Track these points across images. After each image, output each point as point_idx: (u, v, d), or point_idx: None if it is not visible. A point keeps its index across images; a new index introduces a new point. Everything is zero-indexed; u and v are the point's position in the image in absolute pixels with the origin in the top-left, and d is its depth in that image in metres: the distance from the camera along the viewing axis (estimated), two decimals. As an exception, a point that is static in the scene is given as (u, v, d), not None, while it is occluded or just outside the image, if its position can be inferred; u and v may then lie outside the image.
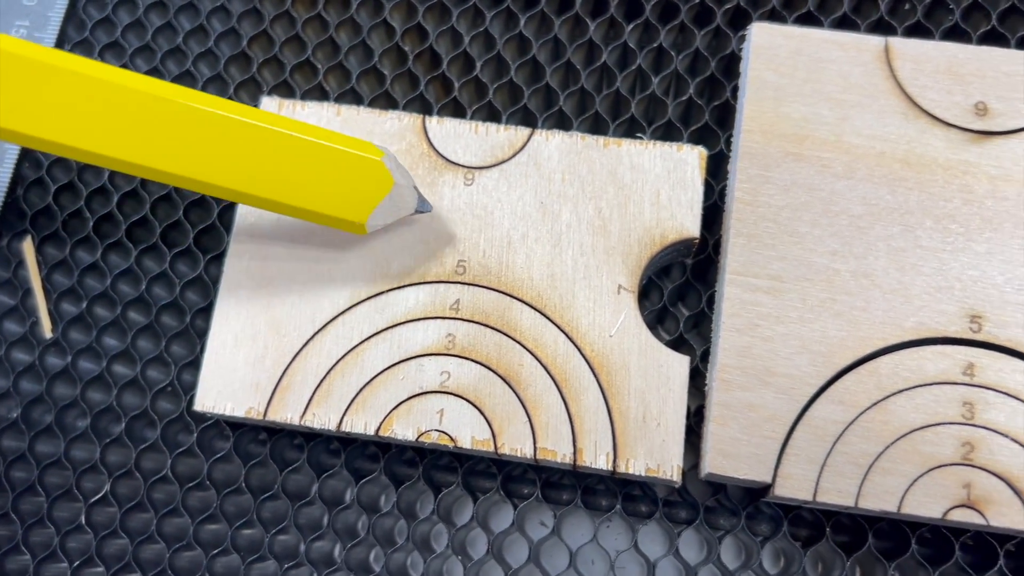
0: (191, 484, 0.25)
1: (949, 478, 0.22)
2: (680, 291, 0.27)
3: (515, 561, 0.25)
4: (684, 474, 0.24)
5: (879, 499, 0.22)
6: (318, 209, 0.22)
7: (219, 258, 0.27)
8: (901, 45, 0.25)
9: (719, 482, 0.23)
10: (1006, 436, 0.22)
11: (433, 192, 0.25)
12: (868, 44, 0.25)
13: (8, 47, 0.20)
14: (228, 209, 0.27)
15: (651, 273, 0.26)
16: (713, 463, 0.22)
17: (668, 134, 0.27)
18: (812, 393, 0.23)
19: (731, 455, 0.22)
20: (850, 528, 0.24)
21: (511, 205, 0.25)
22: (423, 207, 0.24)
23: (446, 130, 0.25)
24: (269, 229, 0.25)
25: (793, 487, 0.22)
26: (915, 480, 0.22)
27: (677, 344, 0.26)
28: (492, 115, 0.28)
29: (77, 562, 0.25)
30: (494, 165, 0.25)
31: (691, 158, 0.25)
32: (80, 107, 0.21)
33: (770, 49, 0.25)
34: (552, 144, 0.25)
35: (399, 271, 0.24)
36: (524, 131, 0.25)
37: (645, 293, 0.26)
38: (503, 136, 0.25)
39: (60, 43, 0.29)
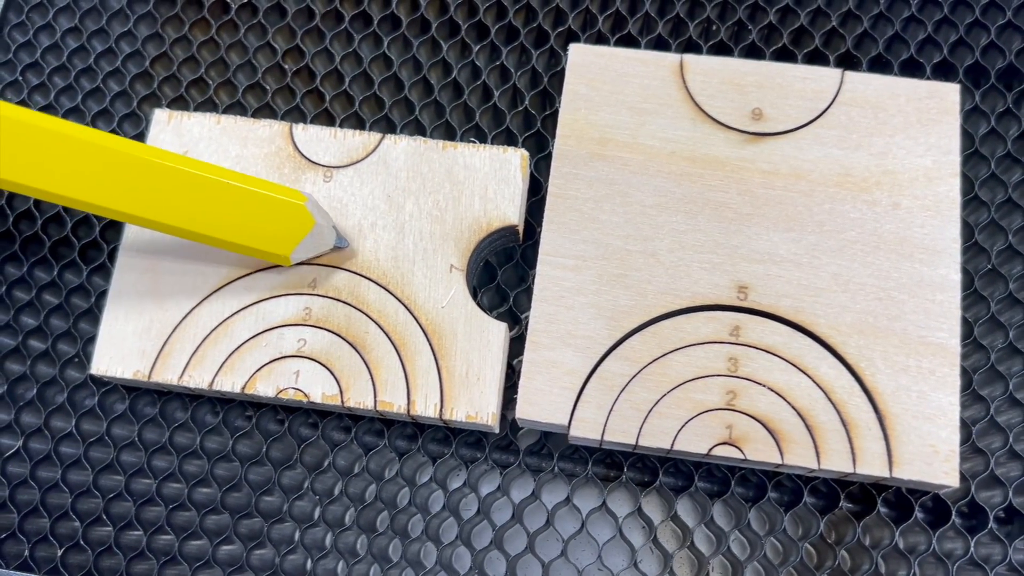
0: (92, 440, 0.30)
1: (715, 420, 0.27)
2: (513, 271, 0.31)
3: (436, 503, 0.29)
4: (511, 422, 0.29)
5: (656, 438, 0.26)
6: (250, 244, 0.26)
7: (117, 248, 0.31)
8: (693, 61, 0.30)
9: (530, 427, 0.28)
10: (763, 386, 0.27)
11: (297, 187, 0.29)
12: (665, 61, 0.30)
13: None
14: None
15: (486, 256, 0.30)
16: (521, 410, 0.27)
17: (509, 139, 0.32)
18: (604, 351, 0.27)
19: (536, 403, 0.27)
20: (648, 468, 0.29)
21: (363, 199, 0.29)
22: (340, 243, 0.28)
23: (310, 135, 0.30)
24: (157, 221, 0.29)
25: (585, 428, 0.27)
26: (686, 422, 0.27)
27: (507, 316, 0.30)
28: (359, 123, 0.32)
29: (-8, 506, 0.29)
30: (350, 165, 0.30)
31: (514, 159, 0.29)
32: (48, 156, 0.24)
33: (584, 66, 0.30)
34: (399, 147, 0.30)
35: (266, 255, 0.29)
36: (376, 136, 0.30)
37: (485, 273, 0.31)
38: (358, 140, 0.30)
39: (-14, 63, 0.33)
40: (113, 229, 0.32)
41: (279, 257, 0.27)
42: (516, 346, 0.29)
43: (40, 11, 0.34)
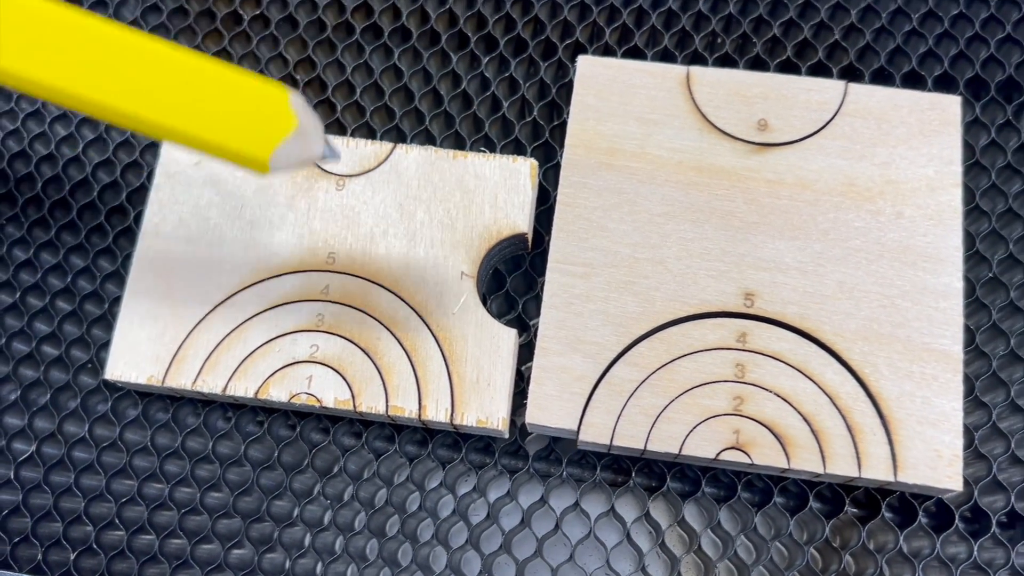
0: (105, 445, 0.30)
1: (722, 425, 0.27)
2: (522, 278, 0.31)
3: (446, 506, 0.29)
4: (520, 427, 0.29)
5: (664, 443, 0.27)
6: (218, 141, 0.22)
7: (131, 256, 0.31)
8: (699, 73, 0.30)
9: (539, 432, 0.28)
10: (770, 391, 0.27)
11: (309, 196, 0.30)
12: (672, 72, 0.30)
13: None
14: (140, 215, 0.31)
15: (496, 264, 0.31)
16: (531, 415, 0.27)
17: (517, 149, 0.32)
18: (613, 357, 0.28)
19: (546, 408, 0.27)
20: (656, 474, 0.29)
21: (375, 207, 0.30)
22: (329, 153, 0.23)
23: (322, 145, 0.30)
24: (171, 230, 0.30)
25: (595, 433, 0.27)
26: (694, 427, 0.27)
27: (516, 322, 0.31)
28: (370, 133, 0.33)
29: (5, 511, 0.29)
30: (362, 173, 0.30)
31: (524, 168, 0.30)
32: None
33: (592, 77, 0.31)
34: (411, 156, 0.30)
35: (279, 262, 0.29)
36: (388, 145, 0.30)
37: (494, 280, 0.31)
38: (370, 149, 0.30)
39: None
40: (126, 237, 0.32)
41: (254, 161, 0.22)
42: (525, 353, 0.30)
43: (55, 22, 0.35)
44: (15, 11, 0.21)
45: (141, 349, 0.29)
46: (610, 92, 0.30)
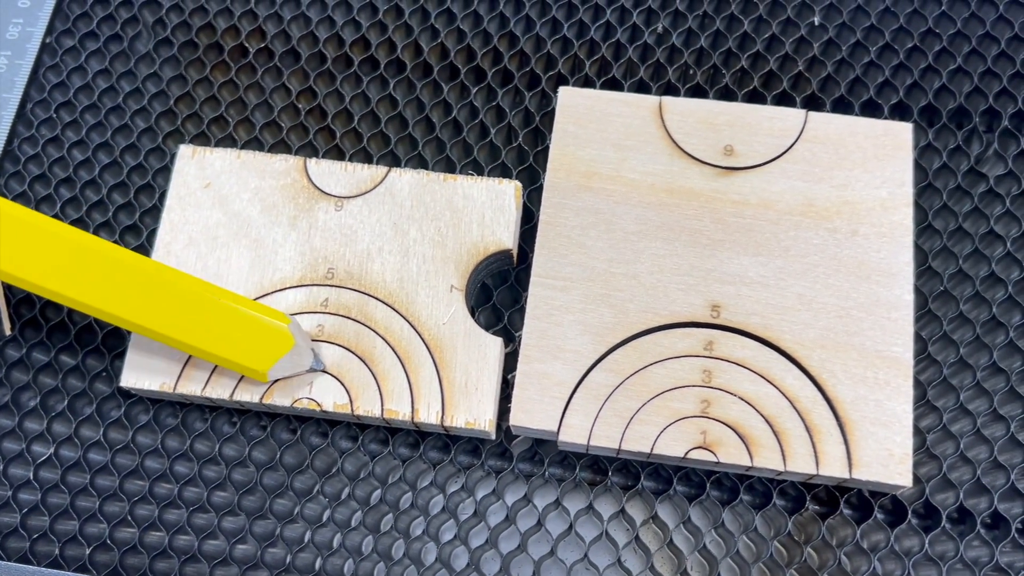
0: (118, 448, 0.32)
1: (690, 427, 0.29)
2: (508, 292, 0.34)
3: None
4: (506, 431, 0.31)
5: (637, 443, 0.29)
6: (229, 358, 0.29)
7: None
8: (671, 103, 0.33)
9: (522, 434, 0.30)
10: (735, 395, 0.29)
11: (310, 216, 0.32)
12: (646, 102, 0.33)
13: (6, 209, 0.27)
14: (152, 233, 0.34)
15: (483, 278, 0.33)
16: (515, 417, 0.29)
17: (504, 172, 0.35)
18: (590, 364, 0.30)
19: (528, 411, 0.29)
20: (631, 473, 0.31)
21: (371, 226, 0.32)
22: (317, 365, 0.30)
23: (323, 169, 0.33)
24: (181, 249, 0.32)
25: (573, 434, 0.29)
26: (665, 428, 0.29)
27: (503, 333, 0.33)
28: (367, 157, 0.35)
29: (25, 509, 0.31)
30: (359, 195, 0.33)
31: (509, 190, 0.32)
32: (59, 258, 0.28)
33: (572, 107, 0.33)
34: (404, 179, 0.33)
35: (281, 277, 0.32)
36: (383, 169, 0.33)
37: (482, 294, 0.34)
38: (366, 173, 0.33)
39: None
40: (140, 250, 0.34)
41: (256, 373, 0.29)
42: (510, 361, 0.32)
43: (73, 54, 0.37)
44: (82, 251, 0.28)
45: (154, 359, 0.31)
46: (589, 120, 0.33)
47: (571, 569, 0.30)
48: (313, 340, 0.31)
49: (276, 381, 0.30)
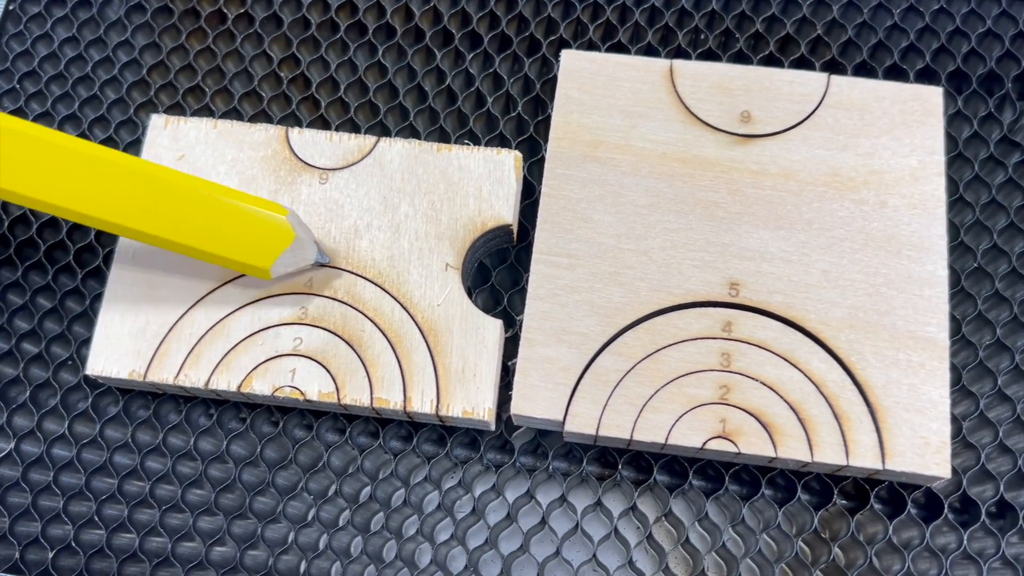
0: (85, 442, 0.29)
1: (708, 415, 0.27)
2: (508, 272, 0.31)
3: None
4: (506, 421, 0.29)
5: (650, 432, 0.27)
6: (229, 256, 0.27)
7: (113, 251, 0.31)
8: (682, 66, 0.30)
9: (525, 424, 0.28)
10: (756, 380, 0.27)
11: (293, 190, 0.30)
12: (655, 66, 0.31)
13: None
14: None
15: (480, 257, 0.31)
16: (516, 406, 0.27)
17: (502, 144, 0.32)
18: (598, 348, 0.27)
19: (531, 399, 0.27)
20: (643, 467, 0.29)
21: (358, 200, 0.30)
22: (322, 259, 0.28)
23: (305, 139, 0.30)
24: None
25: (581, 424, 0.27)
26: (680, 417, 0.27)
27: (502, 316, 0.30)
28: (355, 129, 0.33)
29: (-17, 508, 0.29)
30: (345, 167, 0.30)
31: (508, 160, 0.30)
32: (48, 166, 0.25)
33: (576, 71, 0.31)
34: (394, 149, 0.30)
35: (262, 255, 0.29)
36: (371, 139, 0.30)
37: (479, 274, 0.31)
38: (353, 143, 0.30)
39: (-17, 71, 0.34)
40: (107, 234, 0.32)
41: (258, 270, 0.27)
42: (510, 347, 0.30)
43: (38, 21, 0.35)
44: (64, 154, 0.25)
45: (123, 344, 0.28)
46: (594, 85, 0.30)
47: (578, 571, 0.28)
48: (295, 324, 0.28)
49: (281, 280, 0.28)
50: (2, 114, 0.25)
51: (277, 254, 0.27)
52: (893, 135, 0.29)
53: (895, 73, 0.33)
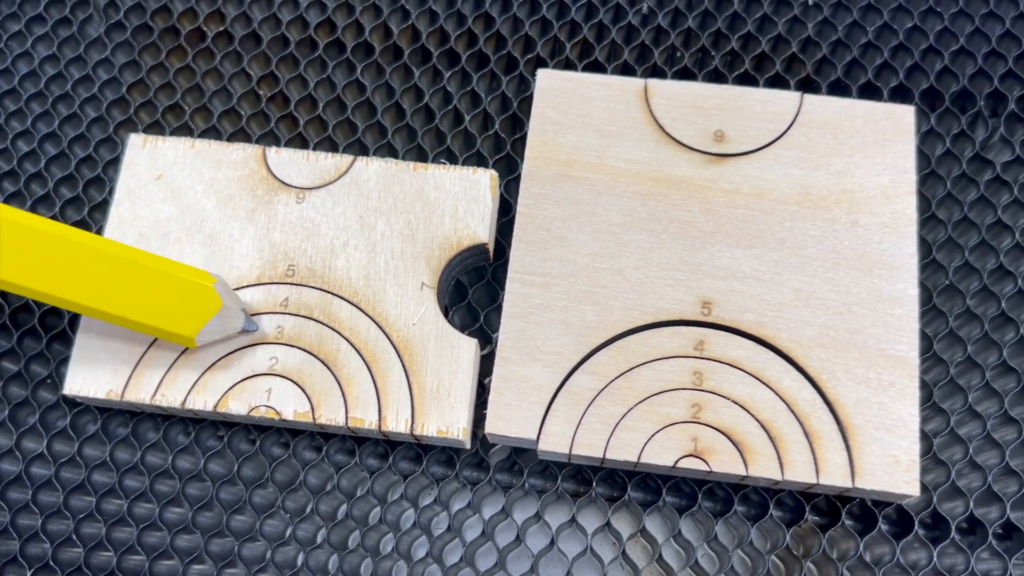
0: (63, 460, 0.30)
1: (680, 433, 0.27)
2: (484, 289, 0.31)
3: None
4: (482, 439, 0.29)
5: (623, 451, 0.27)
6: (153, 324, 0.26)
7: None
8: (657, 86, 0.31)
9: (500, 443, 0.28)
10: (727, 398, 0.27)
11: (270, 209, 0.30)
12: (630, 85, 0.31)
13: None
14: (102, 230, 0.31)
15: (457, 275, 0.31)
16: (491, 424, 0.27)
17: (480, 162, 0.32)
18: (572, 367, 0.28)
19: (505, 418, 0.27)
20: (617, 484, 0.29)
21: (335, 219, 0.30)
22: (249, 327, 0.28)
23: (283, 158, 0.31)
24: (130, 244, 0.30)
25: (554, 443, 0.27)
26: (653, 435, 0.27)
27: (479, 334, 0.31)
28: (333, 147, 0.33)
29: (-39, 527, 0.29)
30: (322, 186, 0.30)
31: (484, 179, 0.30)
32: None
33: (551, 90, 0.31)
34: (371, 168, 0.30)
35: (238, 275, 0.29)
36: (348, 158, 0.30)
37: (456, 292, 0.31)
38: (330, 162, 0.30)
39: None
40: (88, 251, 0.32)
41: (182, 338, 0.27)
42: (487, 364, 0.30)
43: (19, 39, 0.35)
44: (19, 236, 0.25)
45: (100, 363, 0.28)
46: (569, 105, 0.31)
47: (553, 588, 0.28)
48: (271, 344, 0.28)
49: (208, 346, 0.28)
50: None
51: (203, 322, 0.27)
52: (865, 154, 0.30)
53: (869, 91, 0.33)
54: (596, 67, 0.34)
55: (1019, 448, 0.28)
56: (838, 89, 0.33)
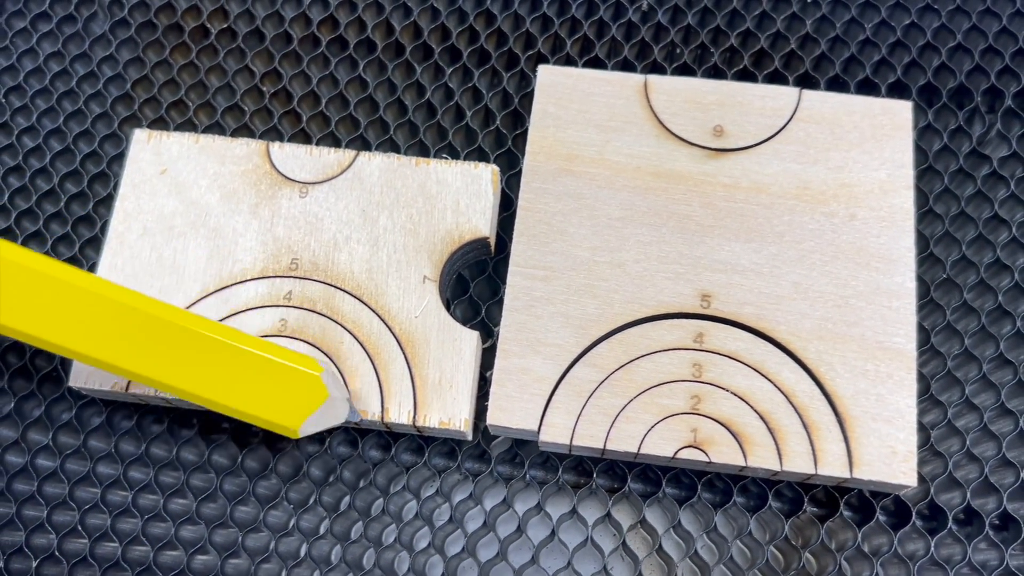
0: (68, 452, 0.30)
1: (680, 424, 0.27)
2: (486, 283, 0.32)
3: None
4: (483, 431, 0.29)
5: (623, 442, 0.27)
6: (257, 414, 0.26)
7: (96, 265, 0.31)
8: (657, 81, 0.31)
9: (501, 434, 0.28)
10: (726, 390, 0.28)
11: (273, 203, 0.30)
12: (630, 81, 0.31)
13: (10, 255, 0.24)
14: (107, 224, 0.31)
15: (459, 269, 0.31)
16: (492, 416, 0.27)
17: (481, 157, 0.33)
18: (572, 359, 0.28)
19: (507, 409, 0.27)
20: (617, 475, 0.29)
21: (338, 213, 0.30)
22: (352, 417, 0.27)
23: (286, 153, 0.31)
24: (136, 239, 0.30)
25: (555, 434, 0.27)
26: (652, 426, 0.27)
27: (480, 327, 0.31)
28: (336, 142, 0.33)
29: (-33, 518, 0.29)
30: (325, 181, 0.31)
31: (485, 174, 0.30)
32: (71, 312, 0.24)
33: (552, 86, 0.31)
34: (374, 163, 0.31)
35: (242, 269, 0.29)
36: (351, 153, 0.31)
37: (458, 286, 0.32)
38: (333, 157, 0.31)
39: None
40: (92, 246, 0.32)
41: (286, 429, 0.26)
42: (488, 358, 0.30)
43: (24, 36, 0.35)
44: (84, 297, 0.25)
45: (104, 355, 0.29)
46: (570, 100, 0.31)
47: (554, 578, 0.28)
48: (274, 337, 0.29)
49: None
50: (14, 247, 0.24)
51: (308, 413, 0.26)
52: (863, 149, 0.30)
53: (867, 87, 0.33)
54: (596, 64, 0.34)
55: (1016, 440, 0.29)
56: (836, 85, 0.33)
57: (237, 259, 0.30)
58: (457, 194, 0.30)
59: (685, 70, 0.34)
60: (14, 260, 0.24)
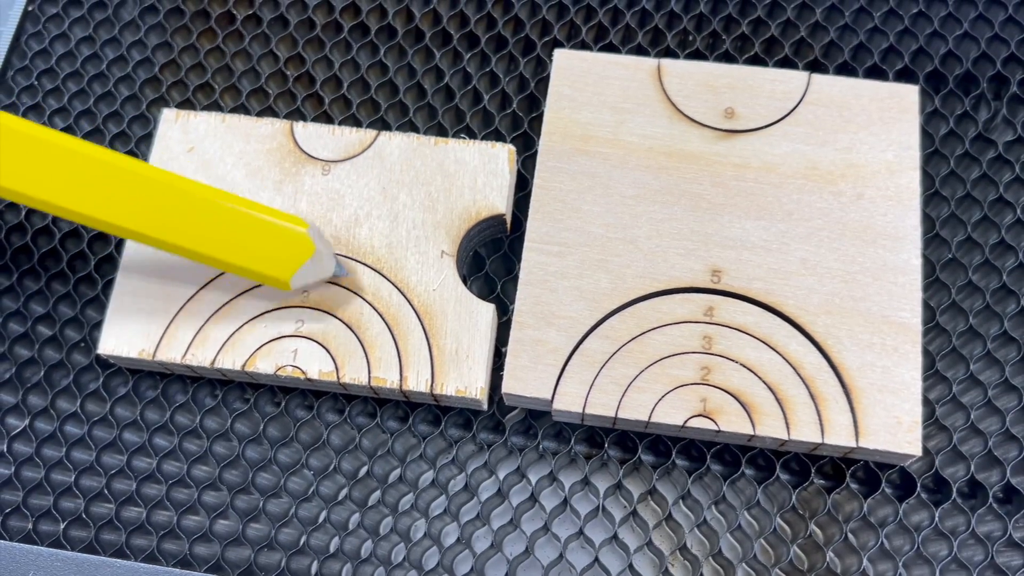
0: (96, 419, 0.31)
1: (690, 394, 0.28)
2: (501, 261, 0.33)
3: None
4: (498, 402, 0.30)
5: (634, 411, 0.28)
6: (250, 267, 0.28)
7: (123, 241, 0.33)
8: (670, 65, 0.32)
9: (515, 403, 0.29)
10: (735, 362, 0.28)
11: (296, 181, 0.31)
12: (644, 64, 0.32)
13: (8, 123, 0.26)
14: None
15: (475, 245, 0.32)
16: (507, 385, 0.28)
17: (498, 139, 0.34)
18: (585, 331, 0.29)
19: (521, 379, 0.28)
20: (628, 446, 0.30)
21: (359, 190, 0.31)
22: (340, 271, 0.29)
23: (309, 132, 0.32)
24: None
25: (568, 402, 0.28)
26: (663, 396, 0.28)
27: (496, 302, 0.32)
28: (356, 124, 0.34)
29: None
30: (347, 159, 0.31)
31: (502, 153, 0.31)
32: (68, 172, 0.26)
33: (568, 69, 0.32)
34: (394, 143, 0.32)
35: (266, 241, 0.30)
36: (372, 132, 0.32)
37: (474, 263, 0.33)
38: (355, 136, 0.32)
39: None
40: (121, 222, 0.33)
41: (278, 281, 0.28)
42: (503, 333, 0.31)
43: (56, 21, 0.36)
44: (88, 164, 0.26)
45: (133, 324, 0.30)
46: (585, 83, 0.32)
47: (565, 545, 0.29)
48: (297, 308, 0.30)
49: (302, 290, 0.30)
50: (17, 118, 0.26)
51: (297, 266, 0.28)
52: (870, 131, 0.31)
53: (875, 73, 0.34)
54: (611, 49, 0.35)
55: (1019, 415, 0.29)
56: (845, 72, 0.34)
57: (261, 233, 0.30)
58: (475, 172, 0.31)
59: (697, 56, 0.35)
60: (14, 128, 0.26)
